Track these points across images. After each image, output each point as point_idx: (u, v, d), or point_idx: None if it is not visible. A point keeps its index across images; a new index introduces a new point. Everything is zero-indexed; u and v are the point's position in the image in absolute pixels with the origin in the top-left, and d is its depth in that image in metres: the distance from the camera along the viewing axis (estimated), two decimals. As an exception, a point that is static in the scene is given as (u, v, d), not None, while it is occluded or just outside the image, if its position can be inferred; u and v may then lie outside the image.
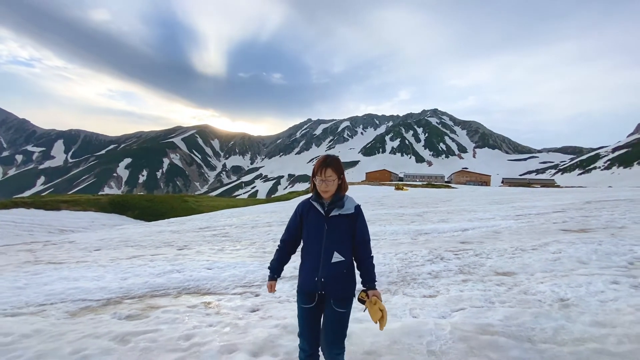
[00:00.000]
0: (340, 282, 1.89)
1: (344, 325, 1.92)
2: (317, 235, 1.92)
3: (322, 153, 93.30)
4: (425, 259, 5.24)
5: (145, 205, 39.92)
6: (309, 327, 1.93)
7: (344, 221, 1.92)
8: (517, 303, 3.21)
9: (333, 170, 1.91)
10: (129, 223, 29.77)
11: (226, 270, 4.85)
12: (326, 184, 1.90)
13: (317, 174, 1.94)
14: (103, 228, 22.15)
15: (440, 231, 8.40)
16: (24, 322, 3.02)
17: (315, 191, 1.99)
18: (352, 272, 1.96)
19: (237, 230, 10.80)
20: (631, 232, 6.85)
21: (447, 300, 3.36)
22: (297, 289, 2.00)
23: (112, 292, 4.04)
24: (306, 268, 1.95)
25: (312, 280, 1.89)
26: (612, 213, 10.55)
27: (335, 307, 1.88)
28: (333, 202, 1.93)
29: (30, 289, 4.23)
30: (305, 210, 2.00)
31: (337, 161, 1.97)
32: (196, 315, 3.13)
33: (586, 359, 2.17)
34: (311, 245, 1.94)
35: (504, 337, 2.48)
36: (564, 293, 3.43)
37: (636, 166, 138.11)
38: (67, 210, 34.51)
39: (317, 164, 1.95)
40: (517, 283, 3.94)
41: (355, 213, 1.95)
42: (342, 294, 1.90)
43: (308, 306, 1.92)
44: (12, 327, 2.88)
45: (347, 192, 2.05)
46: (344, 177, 1.98)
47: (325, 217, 1.92)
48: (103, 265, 5.60)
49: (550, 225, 8.64)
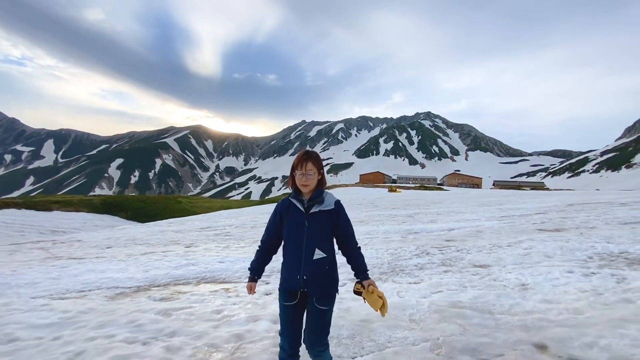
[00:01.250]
0: (323, 279, 1.90)
1: (326, 322, 1.93)
2: (297, 232, 1.90)
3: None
4: (412, 253, 5.91)
5: (138, 206, 39.79)
6: (291, 325, 1.92)
7: (325, 217, 1.92)
8: (485, 287, 3.88)
9: (313, 164, 1.91)
10: (122, 224, 29.78)
11: (237, 264, 5.45)
12: (306, 178, 1.89)
13: (297, 167, 1.93)
14: (96, 229, 22.15)
15: (429, 231, 9.10)
16: (74, 303, 3.60)
17: (294, 187, 1.97)
18: (334, 268, 1.96)
19: (238, 230, 11.37)
20: (599, 232, 7.62)
21: (428, 286, 4.02)
22: (279, 287, 1.99)
23: (139, 281, 4.62)
24: (288, 266, 1.94)
25: (294, 278, 1.88)
26: (588, 215, 11.38)
27: (317, 304, 1.88)
28: (313, 199, 1.92)
29: (64, 279, 4.78)
30: (284, 209, 1.98)
31: (317, 155, 1.98)
32: (219, 297, 3.74)
33: (530, 324, 2.84)
34: (292, 243, 1.93)
35: (470, 310, 3.15)
36: (525, 279, 4.11)
37: (624, 170, 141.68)
38: (59, 211, 34.30)
39: (297, 158, 1.94)
40: (489, 273, 4.62)
41: (336, 208, 1.95)
42: (324, 291, 1.90)
43: (290, 304, 1.92)
44: (67, 306, 3.46)
45: (342, 193, 2.50)
46: (323, 172, 1.98)
47: (306, 213, 1.91)
48: (122, 260, 6.15)
49: (529, 225, 9.40)
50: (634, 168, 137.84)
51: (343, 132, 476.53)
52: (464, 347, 2.47)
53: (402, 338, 2.63)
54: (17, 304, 3.58)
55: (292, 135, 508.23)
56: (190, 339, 2.64)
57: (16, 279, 4.77)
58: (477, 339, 2.58)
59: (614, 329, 2.63)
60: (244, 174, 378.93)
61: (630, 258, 5.08)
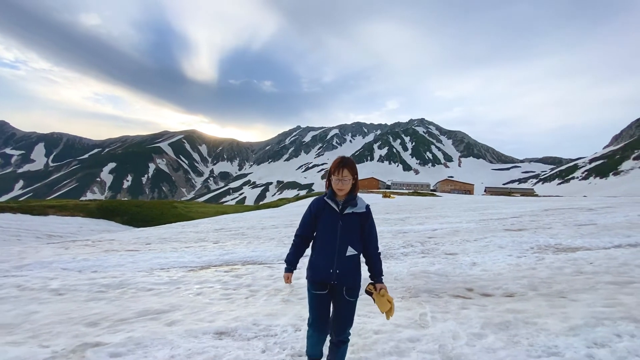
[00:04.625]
0: (352, 273, 2.12)
1: (353, 312, 2.16)
2: (332, 230, 2.10)
3: (311, 160, 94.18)
4: (400, 245, 7.69)
5: (134, 210, 40.17)
6: (320, 313, 2.13)
7: (356, 219, 2.13)
8: (448, 264, 5.65)
9: (349, 171, 2.10)
10: (118, 229, 30.39)
11: (266, 252, 7.16)
12: (342, 183, 2.09)
13: (333, 173, 2.12)
14: (92, 233, 22.57)
15: (416, 231, 10.89)
16: (169, 273, 5.28)
17: (330, 189, 2.17)
18: (360, 264, 2.20)
19: (251, 231, 13.02)
20: (550, 231, 9.48)
21: (408, 265, 5.77)
22: (309, 279, 2.18)
23: (198, 263, 6.29)
24: (321, 260, 2.13)
25: (327, 271, 2.09)
26: (554, 218, 13.30)
27: (347, 296, 2.11)
28: (347, 201, 2.14)
29: (140, 263, 6.42)
30: (319, 208, 2.17)
31: (353, 163, 2.17)
32: (266, 269, 5.45)
33: (468, 280, 4.60)
34: (326, 240, 2.13)
35: (433, 274, 4.91)
36: (477, 260, 5.90)
37: (611, 177, 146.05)
38: (55, 215, 34.91)
39: (335, 164, 2.13)
40: (454, 257, 6.38)
41: (367, 212, 2.19)
42: (353, 284, 2.13)
43: (322, 292, 2.12)
44: (167, 274, 5.14)
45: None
46: (357, 178, 2.17)
47: (340, 214, 2.12)
48: (174, 250, 7.81)
49: (499, 227, 11.25)
50: (621, 175, 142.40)
51: (338, 137, 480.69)
52: (425, 289, 4.22)
53: (388, 287, 4.37)
54: (129, 275, 5.24)
55: (287, 140, 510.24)
56: (261, 287, 4.35)
57: (106, 262, 6.40)
58: (433, 285, 4.34)
59: (514, 280, 4.41)
60: (238, 179, 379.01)
61: (559, 248, 6.91)
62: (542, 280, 4.37)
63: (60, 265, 6.08)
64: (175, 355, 2.46)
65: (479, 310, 3.36)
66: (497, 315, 3.19)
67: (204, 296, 4.07)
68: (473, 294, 4.04)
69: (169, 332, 2.89)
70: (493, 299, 3.80)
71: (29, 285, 4.58)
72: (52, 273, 5.43)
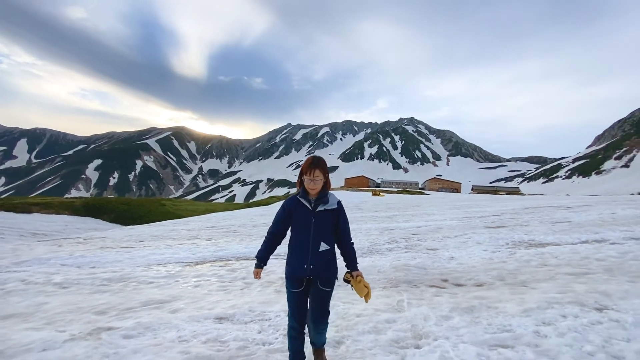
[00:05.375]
0: (326, 267, 2.25)
1: (328, 302, 2.29)
2: (305, 227, 2.22)
3: (302, 158, 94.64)
4: (385, 242, 8.15)
5: (122, 208, 39.83)
6: (298, 308, 2.26)
7: (328, 215, 2.26)
8: (428, 258, 6.11)
9: (320, 171, 2.20)
10: (105, 227, 30.06)
11: (259, 249, 7.49)
12: (314, 183, 2.20)
13: (305, 173, 2.21)
14: (78, 232, 22.56)
15: (402, 228, 11.38)
16: (166, 268, 5.57)
17: (302, 188, 2.29)
18: (334, 258, 2.32)
19: (243, 229, 13.31)
20: (527, 228, 10.08)
21: (392, 259, 6.21)
22: (286, 276, 2.30)
23: (194, 259, 6.59)
24: (295, 257, 2.25)
25: (301, 267, 2.20)
26: (533, 216, 13.98)
27: (321, 286, 2.24)
28: (319, 199, 2.25)
29: (137, 259, 6.68)
30: (293, 206, 2.28)
31: (324, 162, 2.27)
32: (259, 265, 5.80)
33: (444, 272, 5.05)
34: (300, 237, 2.24)
35: (413, 267, 5.36)
36: (455, 255, 6.37)
37: (594, 176, 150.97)
38: (39, 213, 34.33)
39: (306, 165, 2.22)
40: (435, 252, 6.85)
41: (338, 208, 2.31)
42: (328, 277, 2.26)
43: (297, 290, 2.24)
44: (165, 269, 5.44)
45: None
46: (328, 177, 2.29)
47: (313, 211, 2.23)
48: (168, 247, 8.07)
49: (480, 224, 11.84)
50: (603, 174, 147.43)
51: (329, 135, 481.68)
52: (405, 280, 4.65)
53: (371, 279, 4.78)
54: (128, 269, 5.52)
55: (277, 138, 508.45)
56: (254, 280, 4.70)
57: (103, 258, 6.64)
58: (413, 277, 4.78)
59: (485, 272, 4.89)
60: (227, 176, 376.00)
61: (531, 244, 7.46)
62: (510, 272, 4.86)
63: (58, 262, 6.29)
64: (181, 335, 2.81)
65: (450, 297, 3.81)
66: (465, 301, 3.63)
67: (202, 288, 4.41)
68: (447, 284, 4.49)
69: (173, 318, 3.23)
70: (464, 288, 4.25)
71: (33, 280, 4.83)
72: (52, 269, 5.66)
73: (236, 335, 2.81)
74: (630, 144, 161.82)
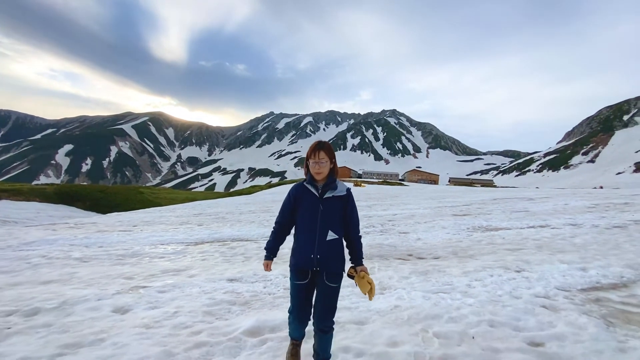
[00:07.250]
0: (334, 258, 2.08)
1: (335, 298, 2.12)
2: (312, 215, 2.09)
3: (284, 147, 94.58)
4: (363, 227, 9.18)
5: (98, 196, 38.72)
6: (302, 303, 2.13)
7: (337, 202, 2.11)
8: (398, 239, 7.16)
9: (325, 153, 2.10)
10: (80, 215, 29.48)
11: (251, 232, 8.33)
12: (319, 166, 2.09)
13: (310, 157, 2.13)
14: (51, 219, 21.97)
15: (379, 215, 12.49)
16: (171, 246, 6.31)
17: (309, 175, 2.16)
18: (343, 249, 2.16)
19: (231, 216, 14.01)
20: (488, 216, 11.40)
21: (368, 240, 7.22)
22: (291, 267, 2.16)
23: (193, 240, 7.34)
24: (301, 246, 2.10)
25: (308, 257, 2.06)
26: (497, 206, 15.46)
27: (328, 282, 2.07)
28: (327, 185, 2.12)
29: (139, 240, 7.34)
30: (299, 194, 2.16)
31: (329, 146, 2.15)
32: (254, 244, 6.64)
33: (410, 249, 6.10)
34: (306, 225, 2.10)
35: (386, 246, 6.39)
36: (421, 236, 7.47)
37: (562, 170, 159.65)
38: (8, 200, 33.22)
39: (311, 148, 2.13)
40: (405, 235, 7.93)
41: (347, 195, 2.17)
42: (335, 269, 2.09)
43: (302, 282, 2.11)
44: (170, 247, 6.18)
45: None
46: (335, 162, 2.17)
47: (320, 198, 2.10)
48: (165, 231, 8.74)
49: (449, 212, 13.13)
50: (571, 169, 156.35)
51: (312, 125, 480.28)
52: (377, 255, 5.66)
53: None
54: (137, 247, 6.22)
55: (259, 126, 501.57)
56: (253, 255, 5.57)
57: (107, 239, 7.27)
58: (384, 252, 5.80)
59: (443, 248, 5.97)
60: (207, 164, 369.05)
61: (488, 228, 8.69)
62: (462, 248, 5.97)
63: (67, 242, 6.88)
64: (204, 290, 3.65)
65: (411, 265, 4.84)
66: (422, 268, 4.66)
67: (209, 261, 5.23)
68: (411, 257, 5.53)
69: (193, 280, 4.06)
70: (424, 260, 5.30)
71: (54, 256, 5.47)
72: (64, 247, 6.27)
73: (247, 289, 3.68)
74: (596, 140, 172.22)
